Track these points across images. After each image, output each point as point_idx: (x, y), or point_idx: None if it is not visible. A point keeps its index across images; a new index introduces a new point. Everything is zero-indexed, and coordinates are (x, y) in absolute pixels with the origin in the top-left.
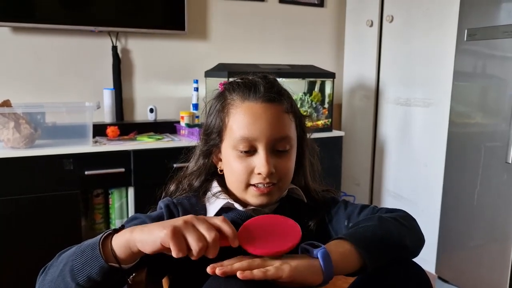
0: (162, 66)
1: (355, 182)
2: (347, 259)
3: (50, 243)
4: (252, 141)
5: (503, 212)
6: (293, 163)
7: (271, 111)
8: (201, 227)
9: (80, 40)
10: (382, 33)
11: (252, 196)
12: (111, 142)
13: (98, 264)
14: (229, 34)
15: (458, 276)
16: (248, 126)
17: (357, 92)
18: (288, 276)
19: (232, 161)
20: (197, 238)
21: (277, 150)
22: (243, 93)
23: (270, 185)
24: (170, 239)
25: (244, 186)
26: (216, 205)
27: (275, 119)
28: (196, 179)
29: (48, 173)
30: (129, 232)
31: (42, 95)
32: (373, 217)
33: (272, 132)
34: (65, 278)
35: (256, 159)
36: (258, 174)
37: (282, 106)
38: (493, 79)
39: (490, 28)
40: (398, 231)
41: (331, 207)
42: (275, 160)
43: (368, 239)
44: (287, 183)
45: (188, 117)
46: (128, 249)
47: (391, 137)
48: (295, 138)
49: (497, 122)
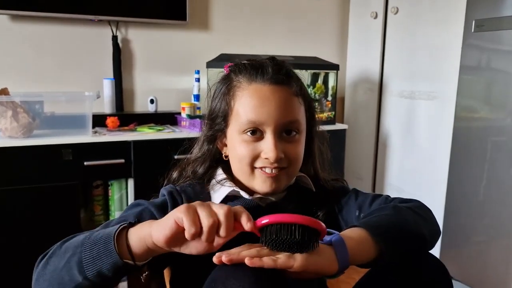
0: (163, 57)
1: (358, 176)
2: (363, 247)
3: (48, 235)
4: (260, 125)
5: (509, 207)
6: (302, 149)
7: (279, 93)
8: (214, 206)
9: (79, 29)
10: (386, 25)
11: (259, 181)
12: (111, 133)
13: (112, 259)
14: (231, 24)
15: (463, 272)
16: (255, 109)
17: (360, 85)
18: (300, 266)
19: (238, 145)
20: (208, 213)
21: (285, 134)
22: (250, 75)
23: (278, 170)
24: (183, 212)
25: (250, 170)
26: (221, 193)
27: (283, 102)
28: (200, 166)
29: (46, 164)
30: (148, 226)
31: (41, 85)
32: (387, 206)
33: (281, 115)
34: (71, 270)
35: (263, 144)
36: (265, 159)
37: (291, 89)
38: (500, 73)
39: (498, 18)
40: (415, 221)
41: (340, 197)
42: (284, 145)
43: (383, 227)
44: (297, 169)
45: (189, 108)
46: (144, 244)
47: (394, 131)
48: (304, 122)
49: (503, 117)
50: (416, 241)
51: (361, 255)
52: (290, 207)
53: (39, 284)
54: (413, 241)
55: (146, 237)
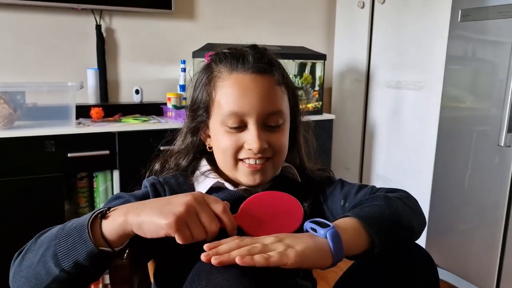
0: (148, 46)
1: (345, 166)
2: (357, 239)
3: (31, 228)
4: (242, 116)
5: (493, 196)
6: (287, 138)
7: (261, 83)
8: (204, 217)
9: (62, 18)
10: (373, 15)
11: (244, 174)
12: (95, 124)
13: (87, 248)
14: (217, 13)
15: (448, 260)
16: (237, 100)
17: (347, 75)
18: (294, 263)
19: (220, 137)
20: (200, 231)
21: (269, 124)
22: (231, 64)
23: (263, 161)
24: (175, 231)
25: (234, 162)
26: (205, 184)
27: (266, 92)
28: (183, 158)
29: (28, 156)
30: (123, 215)
31: (23, 75)
32: (378, 196)
33: (263, 106)
34: (47, 264)
35: (246, 135)
36: (248, 150)
37: (274, 78)
38: (486, 63)
39: (484, 8)
40: (405, 212)
41: (326, 187)
42: (267, 135)
43: (376, 218)
44: (282, 159)
45: (175, 98)
46: (121, 233)
47: (381, 121)
48: (288, 112)
49: (488, 106)
50: (406, 232)
51: (354, 247)
52: None
53: (16, 281)
54: (404, 232)
55: (125, 227)
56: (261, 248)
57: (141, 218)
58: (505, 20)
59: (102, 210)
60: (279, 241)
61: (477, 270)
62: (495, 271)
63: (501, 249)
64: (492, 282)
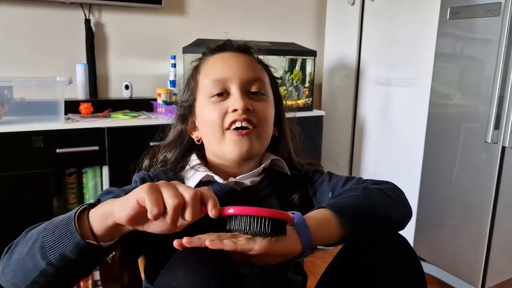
0: (138, 41)
1: (335, 162)
2: (327, 227)
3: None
4: (224, 83)
5: (480, 191)
6: (271, 111)
7: (241, 57)
8: (180, 187)
9: (51, 12)
10: (364, 12)
11: (231, 143)
12: (84, 119)
13: (74, 240)
14: (208, 9)
15: (436, 254)
16: (218, 69)
17: (337, 72)
18: (261, 248)
19: (206, 111)
20: (173, 194)
21: (252, 92)
22: (214, 50)
23: (249, 126)
24: (146, 192)
25: (221, 131)
26: (195, 178)
27: (246, 63)
28: (172, 151)
29: (16, 151)
30: (109, 204)
31: (11, 70)
32: (357, 187)
33: (245, 72)
34: (35, 256)
35: (230, 100)
36: (233, 111)
37: (253, 57)
38: (474, 60)
39: (473, 6)
40: (383, 202)
41: (315, 180)
42: (251, 102)
43: (350, 208)
44: (267, 132)
45: (165, 94)
46: (105, 222)
47: (371, 117)
48: (270, 89)
49: (476, 103)
50: (383, 222)
51: (325, 235)
52: (265, 191)
53: (4, 275)
54: (380, 222)
55: (107, 216)
56: (230, 235)
57: (118, 201)
58: (493, 18)
59: (89, 203)
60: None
61: (464, 264)
62: (481, 266)
63: (487, 244)
64: (478, 277)
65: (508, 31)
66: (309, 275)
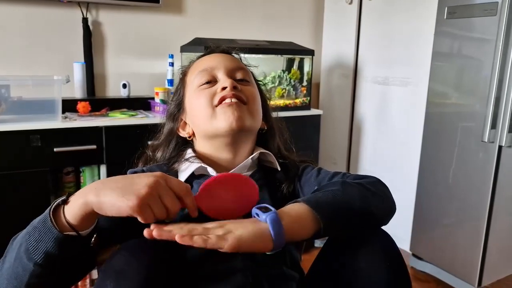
0: (135, 40)
1: (333, 161)
2: (301, 223)
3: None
4: (211, 71)
5: (477, 190)
6: (258, 97)
7: (227, 56)
8: (165, 199)
9: (48, 11)
10: (361, 11)
11: (222, 114)
12: (82, 118)
13: (53, 236)
14: (205, 8)
15: (432, 253)
16: (205, 61)
17: (335, 71)
18: (231, 247)
19: (196, 99)
20: (161, 212)
21: (238, 79)
22: (199, 57)
23: (239, 101)
24: (138, 213)
25: (211, 110)
26: (188, 170)
27: (231, 57)
28: (164, 149)
29: (13, 150)
30: (82, 196)
31: (8, 69)
32: (336, 182)
33: (230, 62)
34: (22, 260)
35: (218, 84)
36: (222, 90)
37: (237, 58)
38: (471, 59)
39: (470, 6)
40: (363, 197)
41: (304, 174)
42: (238, 84)
43: (326, 202)
44: (257, 110)
45: (163, 93)
46: (83, 214)
47: (368, 116)
48: (254, 84)
49: (473, 103)
50: (362, 217)
51: (299, 231)
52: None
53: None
54: (359, 217)
55: (86, 207)
56: (202, 231)
57: (102, 199)
58: (490, 18)
59: (62, 198)
60: (221, 226)
61: (460, 263)
62: (478, 264)
63: (484, 242)
64: (475, 275)
65: (505, 31)
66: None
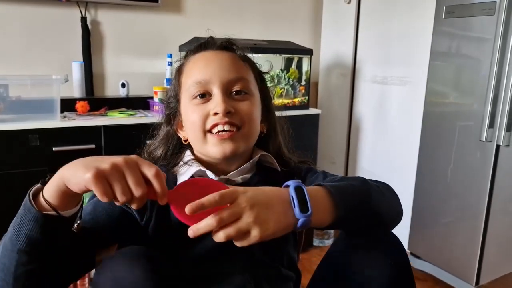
0: (134, 40)
1: (331, 161)
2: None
3: None
4: (206, 85)
5: (475, 189)
6: (256, 110)
7: (223, 55)
8: (130, 179)
9: (47, 10)
10: (360, 11)
11: (213, 145)
12: (81, 118)
13: (32, 216)
14: (204, 7)
15: (430, 252)
16: (199, 70)
17: (334, 70)
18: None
19: (189, 113)
20: (122, 191)
21: (235, 93)
22: (196, 50)
23: (232, 129)
24: (93, 184)
25: (202, 134)
26: (187, 174)
27: (228, 62)
28: (160, 150)
29: (12, 150)
30: (57, 173)
31: (7, 68)
32: (357, 178)
33: (226, 73)
34: (8, 251)
35: (211, 103)
36: (214, 115)
37: (236, 54)
38: (469, 59)
39: (468, 5)
40: (377, 198)
41: (307, 177)
42: (234, 103)
43: (348, 194)
44: (253, 132)
45: (162, 92)
46: (58, 190)
47: (367, 115)
48: (255, 86)
49: (471, 102)
50: (373, 217)
51: (318, 216)
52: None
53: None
54: (372, 216)
55: (59, 183)
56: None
57: (70, 172)
58: (488, 17)
59: (42, 180)
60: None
61: (458, 261)
62: (476, 263)
63: (481, 241)
64: (472, 274)
65: (502, 30)
66: (304, 272)
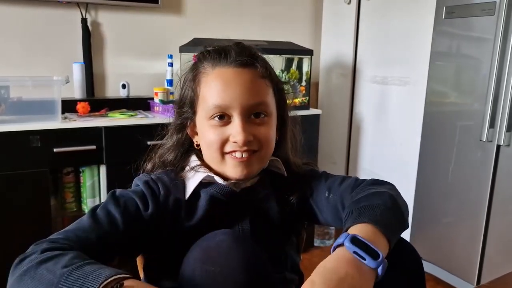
0: (134, 41)
1: (332, 161)
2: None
3: (17, 223)
4: (226, 109)
5: (476, 189)
6: (273, 131)
7: (244, 76)
8: None
9: (47, 11)
10: (360, 11)
11: (230, 167)
12: (81, 119)
13: None
14: (204, 8)
15: (431, 251)
16: (220, 93)
17: (334, 70)
18: None
19: (206, 132)
20: None
21: (254, 117)
22: (214, 60)
23: (249, 153)
24: None
25: (220, 156)
26: (195, 179)
27: (249, 84)
28: (170, 155)
29: (13, 151)
30: None
31: (8, 69)
32: (383, 193)
33: (247, 98)
34: None
35: (231, 128)
36: (234, 142)
37: (256, 71)
38: (469, 59)
39: (468, 5)
40: (404, 209)
41: (311, 181)
42: (252, 128)
43: (392, 226)
44: (269, 152)
45: (162, 93)
46: None
47: (367, 116)
48: (273, 105)
49: (471, 102)
50: (403, 228)
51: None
52: (264, 192)
53: None
54: (403, 229)
55: None
56: None
57: None
58: (488, 17)
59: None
60: None
61: (459, 261)
62: (477, 263)
63: (482, 241)
64: (473, 273)
65: (502, 30)
66: (306, 272)
